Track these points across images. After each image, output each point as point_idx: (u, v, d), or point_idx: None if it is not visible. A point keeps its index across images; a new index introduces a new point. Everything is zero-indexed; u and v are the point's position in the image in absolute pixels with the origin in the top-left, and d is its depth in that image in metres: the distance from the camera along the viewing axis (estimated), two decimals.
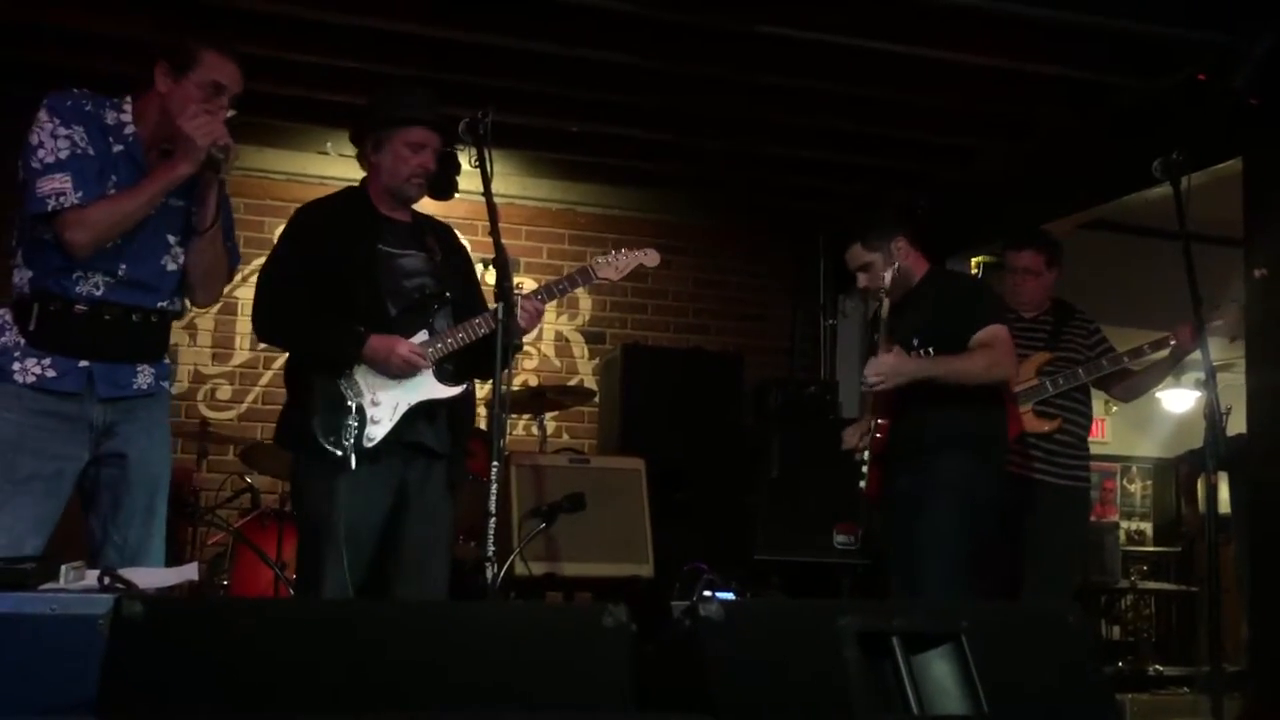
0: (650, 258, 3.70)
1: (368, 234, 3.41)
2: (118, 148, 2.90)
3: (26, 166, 2.81)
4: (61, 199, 2.77)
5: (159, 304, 2.99)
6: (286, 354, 3.56)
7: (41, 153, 2.79)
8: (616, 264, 3.62)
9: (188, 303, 3.17)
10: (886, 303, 3.86)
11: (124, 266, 2.90)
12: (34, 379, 2.82)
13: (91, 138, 2.85)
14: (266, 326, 3.48)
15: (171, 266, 3.00)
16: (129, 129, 2.92)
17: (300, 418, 3.29)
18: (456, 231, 3.73)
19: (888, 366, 3.73)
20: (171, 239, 2.99)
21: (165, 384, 3.08)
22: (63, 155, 2.80)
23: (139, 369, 2.97)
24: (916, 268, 3.92)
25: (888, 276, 3.84)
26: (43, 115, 2.83)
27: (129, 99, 2.95)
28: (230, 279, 3.24)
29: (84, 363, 2.87)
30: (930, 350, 3.79)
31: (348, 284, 3.34)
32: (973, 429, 3.76)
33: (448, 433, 3.42)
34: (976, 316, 3.80)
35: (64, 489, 2.87)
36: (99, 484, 2.94)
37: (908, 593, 3.72)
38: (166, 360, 3.09)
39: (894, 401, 3.82)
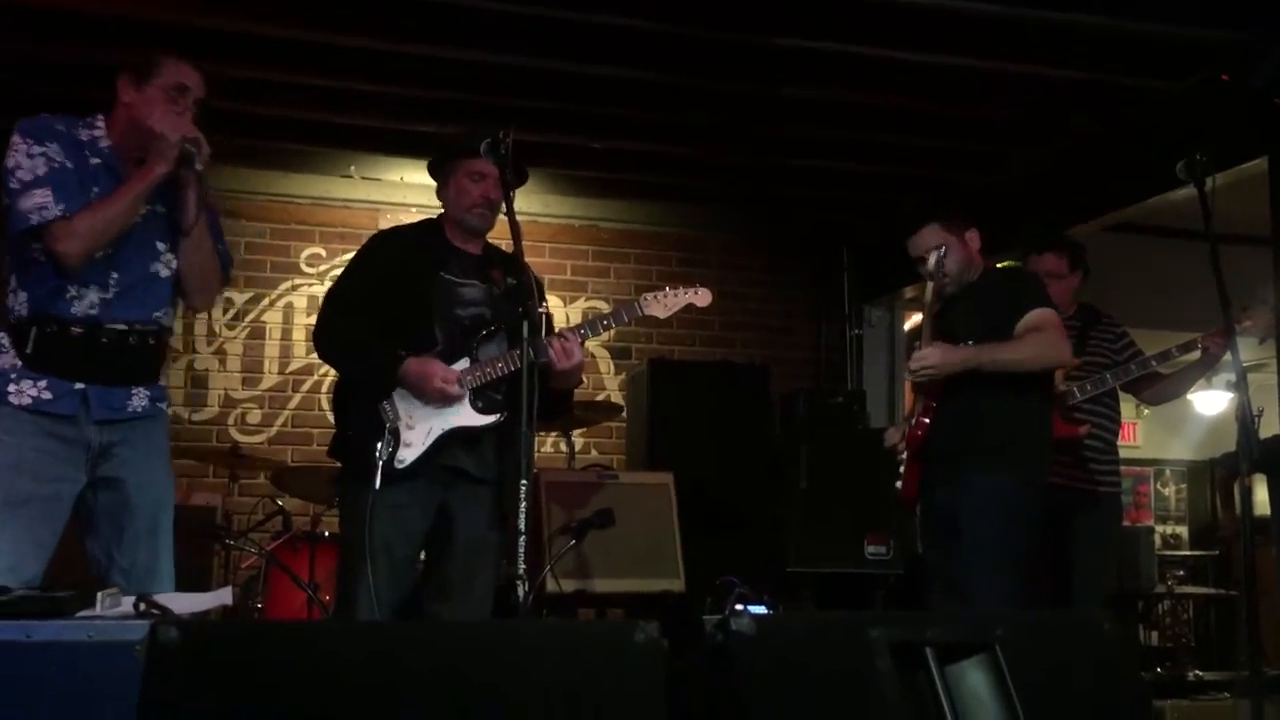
0: (702, 297, 3.69)
1: (433, 263, 3.49)
2: (94, 160, 2.94)
3: (7, 189, 2.84)
4: (44, 212, 2.80)
5: (154, 314, 3.00)
6: (326, 376, 3.64)
7: (20, 173, 2.82)
8: (666, 302, 3.62)
9: (192, 310, 3.18)
10: (930, 289, 3.75)
11: (115, 275, 2.91)
12: (30, 401, 2.84)
13: (67, 153, 2.89)
14: (322, 345, 3.59)
15: (164, 273, 3.02)
16: (103, 142, 2.97)
17: (342, 435, 3.44)
18: (530, 267, 3.74)
19: (935, 357, 3.65)
20: (160, 245, 3.01)
21: (162, 405, 3.08)
22: (40, 172, 2.83)
23: (133, 391, 2.97)
24: (978, 264, 3.85)
25: (956, 264, 3.76)
26: (16, 139, 2.86)
27: (99, 116, 3.00)
28: (225, 282, 3.28)
29: (79, 385, 2.88)
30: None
31: (402, 310, 3.42)
32: (1007, 438, 3.64)
33: (494, 460, 3.43)
34: (1023, 301, 3.68)
35: (62, 512, 2.88)
36: (97, 509, 2.94)
37: (952, 606, 3.61)
38: (162, 382, 3.09)
39: (935, 401, 3.75)
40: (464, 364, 3.40)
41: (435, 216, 3.66)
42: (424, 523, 3.36)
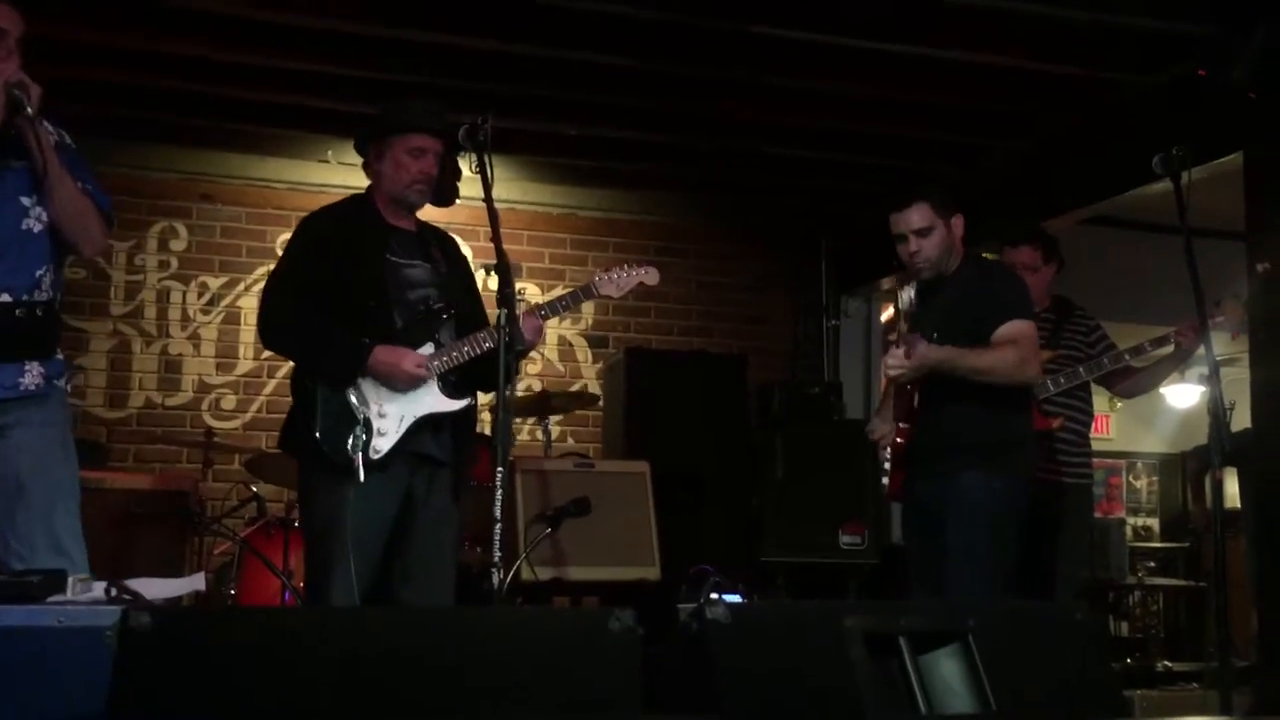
0: (650, 276, 3.69)
1: (376, 244, 3.41)
2: None
3: None
4: None
5: (36, 273, 2.90)
6: (291, 362, 3.55)
7: None
8: (618, 282, 3.63)
9: (84, 257, 3.07)
10: (904, 296, 3.74)
11: None
12: None
13: None
14: (272, 335, 3.49)
15: (37, 228, 2.91)
16: None
17: (306, 426, 3.29)
18: (458, 240, 3.74)
19: (911, 353, 3.60)
20: (26, 201, 2.90)
21: (59, 383, 2.98)
22: None
23: (26, 367, 2.88)
24: (959, 252, 3.79)
25: (938, 250, 3.71)
26: None
27: None
28: (108, 223, 3.09)
29: None
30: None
31: (356, 295, 3.35)
32: (993, 437, 3.63)
33: (451, 442, 3.43)
34: (1003, 307, 3.65)
35: None
36: None
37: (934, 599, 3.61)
38: (60, 357, 3.00)
39: (914, 402, 3.75)
40: (429, 348, 3.37)
41: (364, 192, 3.55)
42: (393, 509, 3.34)
